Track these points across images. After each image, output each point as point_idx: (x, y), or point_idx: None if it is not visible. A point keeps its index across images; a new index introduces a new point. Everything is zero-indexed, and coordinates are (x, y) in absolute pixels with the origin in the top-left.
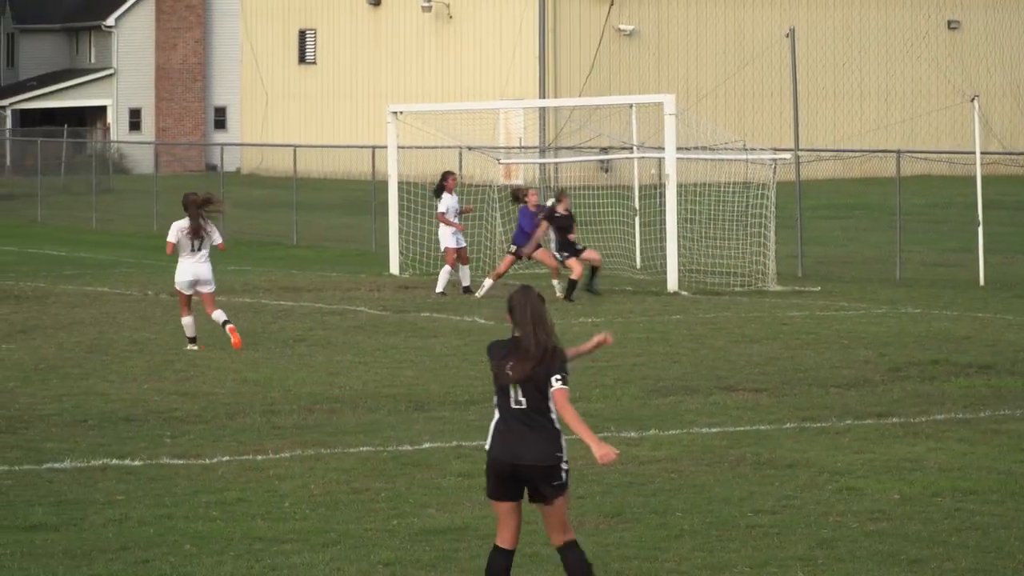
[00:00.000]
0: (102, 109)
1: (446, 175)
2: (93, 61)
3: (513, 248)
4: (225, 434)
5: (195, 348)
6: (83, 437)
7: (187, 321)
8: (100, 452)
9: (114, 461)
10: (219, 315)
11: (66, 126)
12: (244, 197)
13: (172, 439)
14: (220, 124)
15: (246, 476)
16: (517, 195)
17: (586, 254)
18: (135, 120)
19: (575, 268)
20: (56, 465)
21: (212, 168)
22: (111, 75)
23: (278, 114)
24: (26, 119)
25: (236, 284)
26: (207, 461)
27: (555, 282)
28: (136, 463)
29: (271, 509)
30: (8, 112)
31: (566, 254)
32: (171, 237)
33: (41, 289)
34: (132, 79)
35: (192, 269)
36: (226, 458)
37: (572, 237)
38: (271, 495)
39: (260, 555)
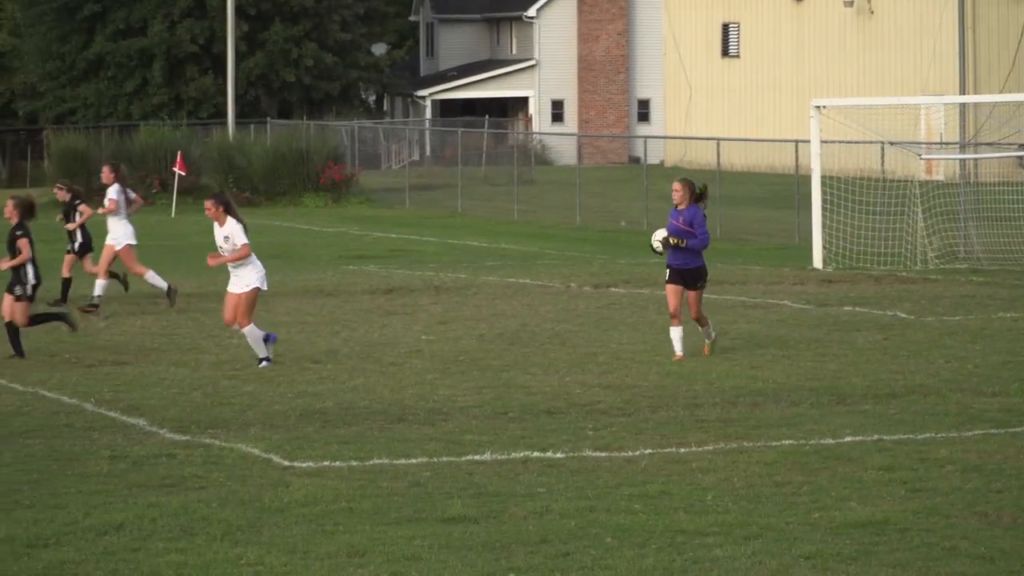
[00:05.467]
0: (523, 100)
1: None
2: (514, 52)
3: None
4: (648, 427)
5: None
6: (503, 429)
7: None
8: (521, 444)
9: (535, 453)
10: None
11: (487, 117)
12: (667, 190)
13: (594, 432)
14: (643, 117)
15: (668, 469)
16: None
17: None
18: (557, 112)
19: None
20: (476, 457)
21: (635, 160)
22: (533, 66)
23: (701, 107)
24: (446, 109)
25: (660, 276)
26: (629, 454)
27: None
28: (558, 455)
29: (693, 502)
30: (428, 102)
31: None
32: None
33: (461, 280)
34: (554, 71)
35: None
36: (648, 451)
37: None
38: (693, 488)
39: (682, 548)
